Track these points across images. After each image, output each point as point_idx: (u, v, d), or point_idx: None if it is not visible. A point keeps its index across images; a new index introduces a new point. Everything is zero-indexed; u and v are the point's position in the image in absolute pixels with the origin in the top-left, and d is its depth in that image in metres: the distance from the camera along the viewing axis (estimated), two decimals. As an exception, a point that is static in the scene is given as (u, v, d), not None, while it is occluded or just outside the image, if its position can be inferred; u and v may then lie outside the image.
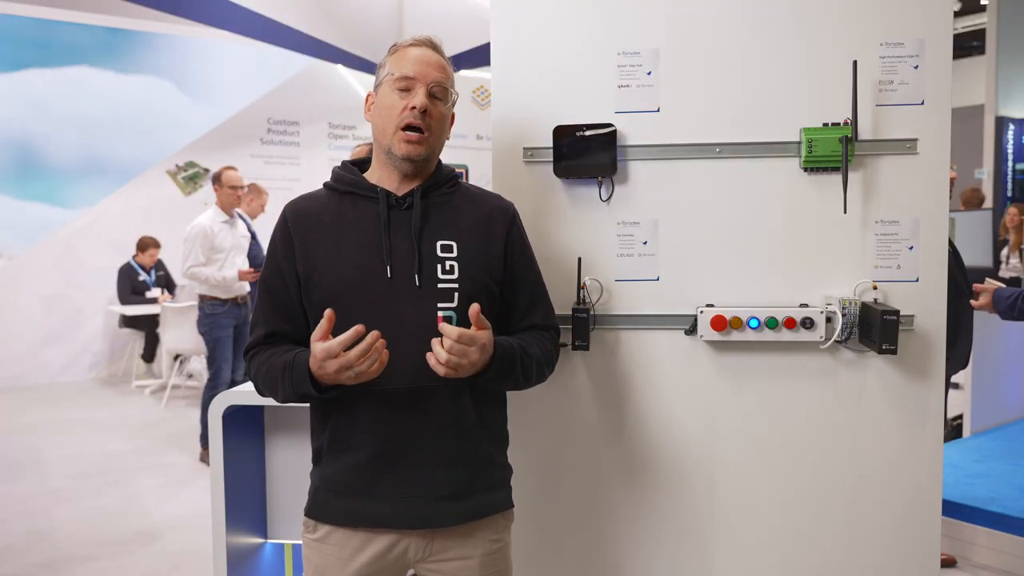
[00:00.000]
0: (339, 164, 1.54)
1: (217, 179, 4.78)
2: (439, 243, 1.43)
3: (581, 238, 1.77)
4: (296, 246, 1.44)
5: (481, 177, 1.88)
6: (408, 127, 1.41)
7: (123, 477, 4.56)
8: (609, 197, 1.75)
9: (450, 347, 1.29)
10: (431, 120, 1.42)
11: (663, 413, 1.77)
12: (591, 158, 1.72)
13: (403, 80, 1.42)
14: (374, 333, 1.28)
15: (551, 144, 1.73)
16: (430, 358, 1.31)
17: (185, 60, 8.20)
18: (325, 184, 1.52)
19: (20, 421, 6.00)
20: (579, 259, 1.75)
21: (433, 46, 1.47)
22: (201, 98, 8.28)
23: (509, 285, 1.50)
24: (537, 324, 1.53)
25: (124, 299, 7.22)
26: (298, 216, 1.47)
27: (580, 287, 1.74)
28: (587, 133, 1.72)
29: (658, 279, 1.76)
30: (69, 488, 4.38)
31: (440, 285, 1.41)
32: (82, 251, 7.64)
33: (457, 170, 1.58)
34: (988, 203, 9.28)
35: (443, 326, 1.30)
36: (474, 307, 1.32)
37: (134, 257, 7.35)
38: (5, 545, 3.58)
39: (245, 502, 2.11)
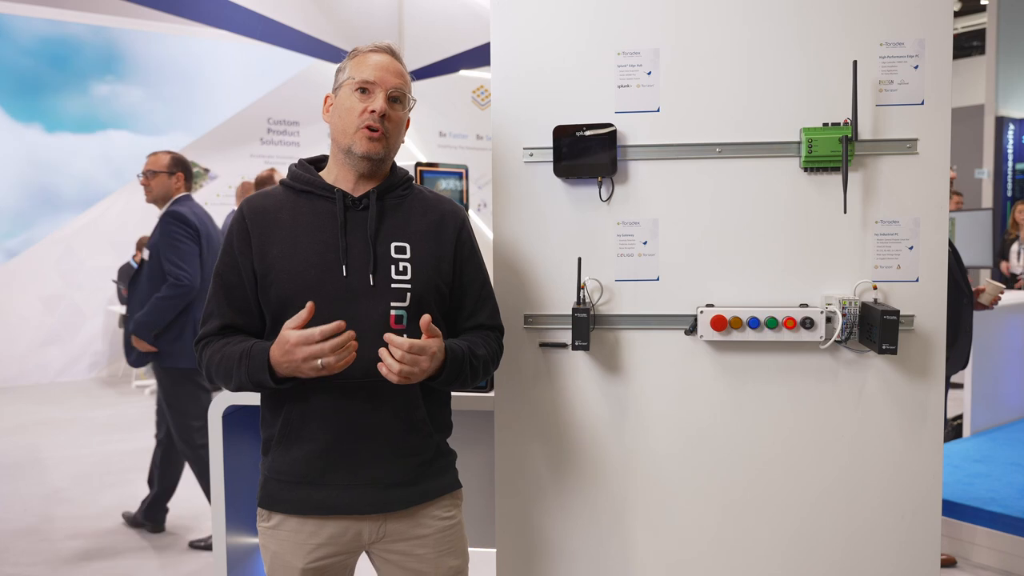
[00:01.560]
0: (296, 163, 1.57)
1: (264, 182, 4.80)
2: (393, 244, 1.49)
3: (581, 238, 1.77)
4: (253, 243, 1.48)
5: (481, 177, 1.88)
6: (368, 128, 1.46)
7: (123, 477, 4.57)
8: (609, 197, 1.75)
9: (401, 357, 1.34)
10: (389, 124, 1.48)
11: (663, 413, 1.77)
12: (591, 158, 1.72)
13: (363, 84, 1.48)
14: (350, 332, 1.34)
15: (551, 144, 1.73)
16: (381, 368, 1.36)
17: (186, 60, 8.20)
18: (282, 182, 1.56)
19: (20, 421, 6.00)
20: (579, 259, 1.74)
21: (392, 53, 1.53)
22: (201, 98, 8.28)
23: (458, 286, 1.57)
24: (483, 324, 1.60)
25: (124, 299, 7.22)
26: (255, 214, 1.50)
27: (580, 287, 1.74)
28: (587, 133, 1.72)
29: (658, 279, 1.76)
30: (69, 488, 4.38)
31: (393, 285, 1.47)
32: (82, 251, 7.65)
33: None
34: (988, 203, 9.29)
35: (391, 337, 1.35)
36: (425, 318, 1.37)
37: (133, 257, 7.35)
38: (5, 545, 3.59)
39: (245, 502, 2.11)
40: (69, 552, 3.51)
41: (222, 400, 1.99)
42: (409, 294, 1.47)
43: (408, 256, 1.49)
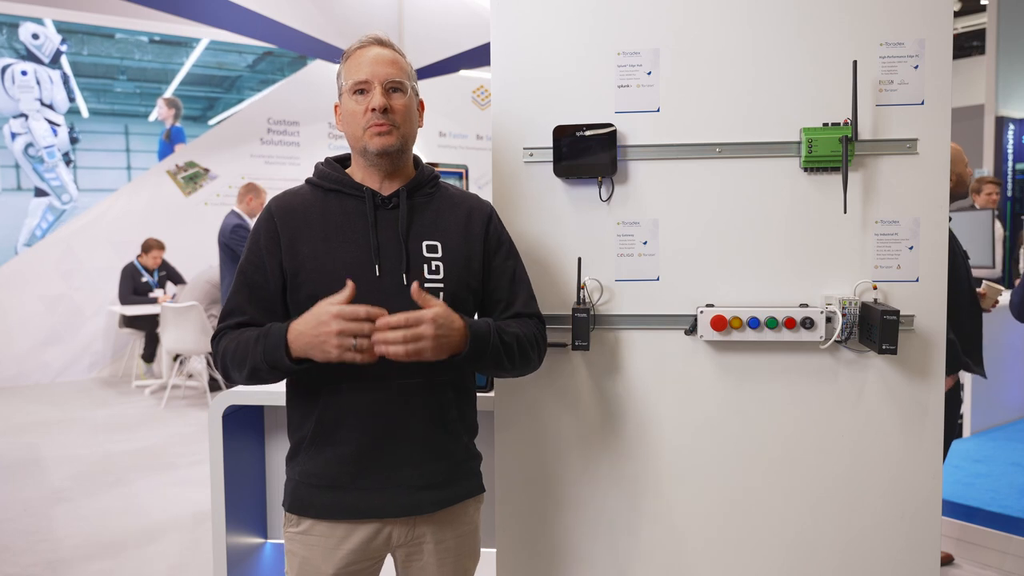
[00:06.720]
0: (322, 161, 1.56)
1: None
2: (425, 243, 1.47)
3: (581, 238, 1.77)
4: (282, 242, 1.46)
5: (481, 177, 1.88)
6: (374, 126, 1.44)
7: (123, 477, 4.56)
8: (609, 197, 1.75)
9: (403, 336, 1.28)
10: (395, 115, 1.45)
11: (663, 413, 1.77)
12: (591, 158, 1.72)
13: (358, 85, 1.46)
14: (381, 331, 1.29)
15: (551, 144, 1.73)
16: (380, 349, 1.29)
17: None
18: (308, 180, 1.54)
19: (20, 421, 6.00)
20: (579, 259, 1.74)
21: (380, 43, 1.50)
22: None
23: (488, 279, 1.54)
24: (520, 312, 1.56)
25: (124, 299, 7.22)
26: (284, 211, 1.48)
27: (580, 287, 1.74)
28: (587, 133, 1.72)
29: (658, 279, 1.76)
30: (69, 488, 4.38)
31: (427, 285, 1.44)
32: (82, 251, 7.64)
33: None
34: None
35: (382, 321, 1.29)
36: (414, 285, 1.34)
37: (138, 258, 7.34)
38: (5, 545, 3.58)
39: (245, 502, 2.11)
40: (69, 552, 3.51)
41: (222, 400, 1.99)
42: (442, 293, 1.45)
43: (440, 255, 1.47)
